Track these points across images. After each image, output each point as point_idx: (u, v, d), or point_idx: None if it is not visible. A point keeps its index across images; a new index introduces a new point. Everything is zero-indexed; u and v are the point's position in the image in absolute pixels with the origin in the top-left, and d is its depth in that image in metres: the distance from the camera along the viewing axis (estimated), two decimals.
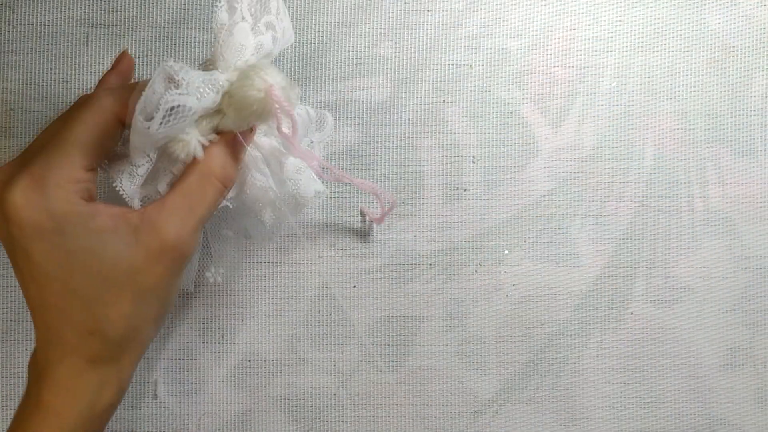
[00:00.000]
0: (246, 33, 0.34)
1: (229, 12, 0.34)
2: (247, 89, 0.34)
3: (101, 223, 0.32)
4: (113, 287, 0.32)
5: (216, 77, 0.33)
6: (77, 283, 0.32)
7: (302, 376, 0.53)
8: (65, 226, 0.31)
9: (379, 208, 0.51)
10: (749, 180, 0.56)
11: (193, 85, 0.32)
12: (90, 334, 0.32)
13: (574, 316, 0.55)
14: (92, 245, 0.32)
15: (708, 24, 0.56)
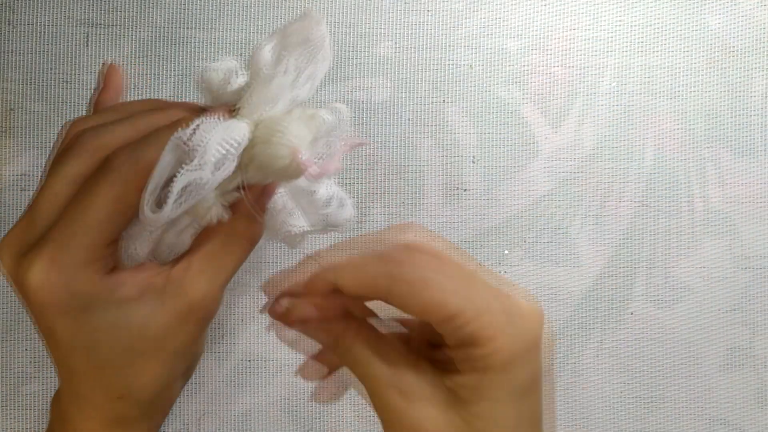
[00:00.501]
0: (284, 88, 0.31)
1: (273, 57, 0.31)
2: (271, 152, 0.31)
3: (126, 293, 0.31)
4: (143, 354, 0.31)
5: (236, 135, 0.30)
6: (105, 355, 0.31)
7: None
8: (89, 303, 0.30)
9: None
10: (749, 180, 0.56)
11: (209, 153, 0.29)
12: (119, 398, 0.32)
13: (574, 316, 0.55)
14: (118, 317, 0.31)
15: (708, 24, 0.56)
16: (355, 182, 0.54)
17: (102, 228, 0.30)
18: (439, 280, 0.29)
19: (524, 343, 0.29)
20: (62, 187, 0.30)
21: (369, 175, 0.54)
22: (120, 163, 0.30)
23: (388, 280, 0.29)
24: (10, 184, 0.53)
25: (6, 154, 0.53)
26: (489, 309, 0.28)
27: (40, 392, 0.52)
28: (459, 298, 0.28)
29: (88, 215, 0.30)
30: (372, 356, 0.30)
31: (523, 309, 0.29)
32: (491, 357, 0.28)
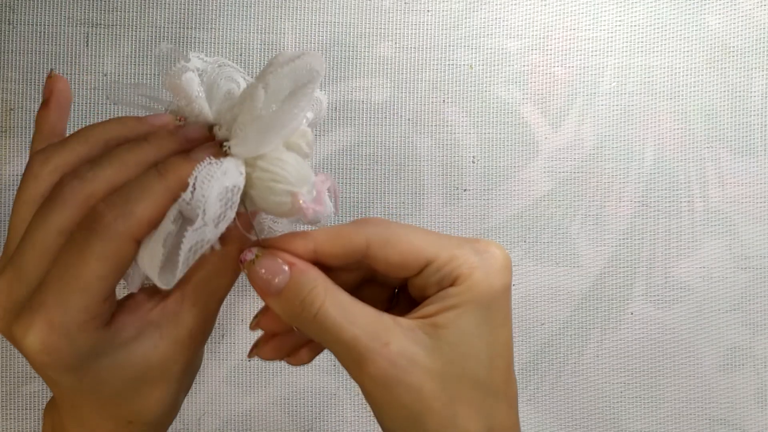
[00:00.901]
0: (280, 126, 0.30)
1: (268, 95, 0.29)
2: (273, 199, 0.30)
3: (126, 336, 0.31)
4: (148, 381, 0.32)
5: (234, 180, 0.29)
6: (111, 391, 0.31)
7: (302, 376, 0.53)
8: (91, 356, 0.30)
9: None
10: (749, 180, 0.56)
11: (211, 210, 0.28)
12: (129, 423, 0.32)
13: (574, 316, 0.55)
14: (121, 358, 0.31)
15: (708, 24, 0.56)
16: (354, 182, 0.54)
17: (98, 286, 0.29)
18: (413, 235, 0.31)
19: (497, 278, 0.31)
20: (49, 240, 0.29)
21: (369, 176, 0.54)
22: (112, 219, 0.29)
23: (365, 240, 0.31)
24: (9, 184, 0.53)
25: (5, 153, 0.53)
26: (461, 251, 0.31)
27: (40, 392, 0.52)
28: (432, 246, 0.31)
29: (83, 275, 0.29)
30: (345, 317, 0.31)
31: (491, 250, 0.32)
32: (469, 292, 0.30)
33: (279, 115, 0.29)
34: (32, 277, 0.29)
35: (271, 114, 0.29)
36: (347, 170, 0.54)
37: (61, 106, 0.34)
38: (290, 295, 0.31)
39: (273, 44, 0.54)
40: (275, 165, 0.30)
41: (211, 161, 0.29)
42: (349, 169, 0.54)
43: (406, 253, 0.31)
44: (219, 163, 0.29)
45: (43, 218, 0.29)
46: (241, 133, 0.30)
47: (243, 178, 0.30)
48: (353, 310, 0.31)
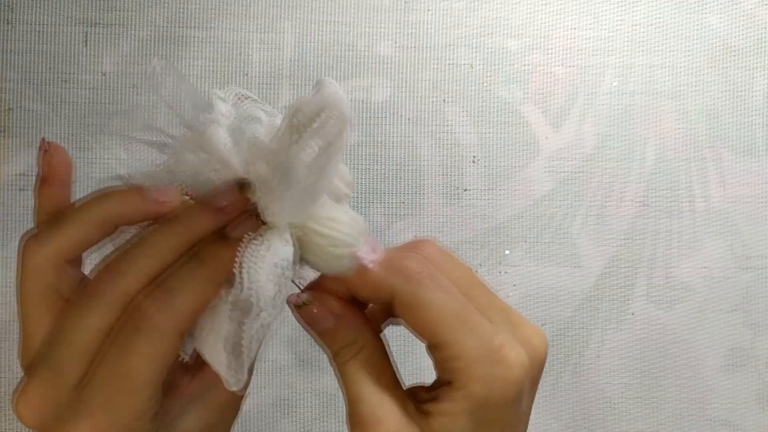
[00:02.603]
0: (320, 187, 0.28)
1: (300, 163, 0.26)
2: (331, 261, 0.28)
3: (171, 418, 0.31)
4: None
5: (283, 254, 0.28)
6: None
7: (302, 376, 0.53)
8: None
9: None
10: (751, 180, 0.55)
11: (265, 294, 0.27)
12: None
13: (575, 317, 0.54)
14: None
15: (709, 23, 0.56)
16: (355, 182, 0.54)
17: (145, 387, 0.28)
18: (436, 306, 0.29)
19: (499, 394, 0.29)
20: (89, 340, 0.28)
21: (369, 175, 0.54)
22: (156, 318, 0.27)
23: (390, 290, 0.29)
24: (8, 184, 0.52)
25: (4, 153, 0.53)
26: (474, 352, 0.29)
27: None
28: (449, 331, 0.29)
29: (131, 377, 0.28)
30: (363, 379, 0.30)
31: (508, 360, 0.29)
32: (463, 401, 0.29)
33: (312, 177, 0.27)
34: (72, 379, 0.28)
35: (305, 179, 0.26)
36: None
37: (63, 182, 0.31)
38: (330, 340, 0.31)
39: (273, 43, 0.54)
40: (330, 228, 0.28)
41: (251, 240, 0.27)
42: (350, 169, 0.54)
43: (422, 324, 0.29)
44: (261, 240, 0.27)
45: (80, 317, 0.28)
46: (279, 202, 0.27)
47: (291, 248, 0.28)
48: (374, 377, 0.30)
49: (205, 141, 0.29)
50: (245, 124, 0.30)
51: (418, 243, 0.31)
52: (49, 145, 0.31)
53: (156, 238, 0.29)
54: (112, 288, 0.28)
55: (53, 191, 0.31)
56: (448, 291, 0.29)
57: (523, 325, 0.31)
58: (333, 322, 0.30)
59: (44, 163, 0.31)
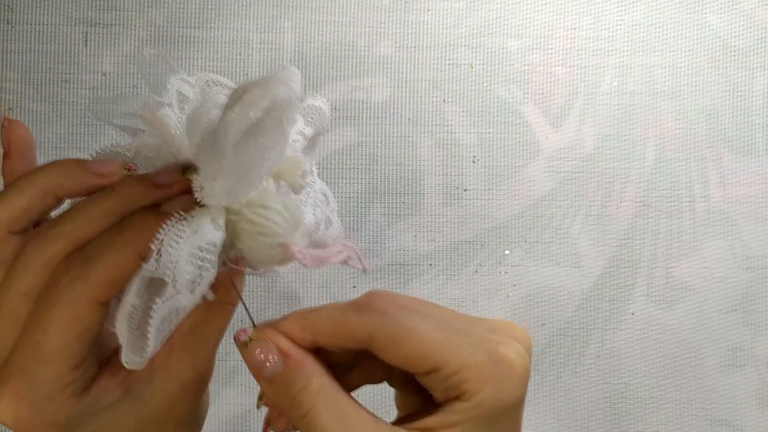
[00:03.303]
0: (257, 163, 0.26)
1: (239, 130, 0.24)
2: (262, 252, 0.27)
3: (111, 398, 0.29)
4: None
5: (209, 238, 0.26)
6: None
7: None
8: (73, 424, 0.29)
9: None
10: (751, 180, 0.55)
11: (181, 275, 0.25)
12: None
13: (575, 317, 0.54)
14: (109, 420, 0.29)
15: (709, 23, 0.56)
16: (355, 182, 0.54)
17: (63, 355, 0.27)
18: (422, 330, 0.27)
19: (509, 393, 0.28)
20: (16, 305, 0.27)
21: (369, 175, 0.54)
22: (69, 283, 0.27)
23: (368, 332, 0.27)
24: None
25: None
26: (474, 360, 0.27)
27: None
28: (443, 349, 0.27)
29: (45, 344, 0.27)
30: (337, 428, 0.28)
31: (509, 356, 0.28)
32: (475, 409, 0.27)
33: (245, 157, 0.25)
34: (4, 345, 0.28)
35: (233, 159, 0.25)
36: (347, 170, 0.54)
37: (23, 155, 0.31)
38: (281, 387, 0.28)
39: (273, 43, 0.54)
40: (260, 216, 0.27)
41: (178, 218, 0.26)
42: (349, 169, 0.54)
43: (413, 355, 0.27)
44: (189, 220, 0.26)
45: (9, 281, 0.28)
46: (211, 181, 0.26)
47: (221, 233, 0.27)
48: (348, 417, 0.28)
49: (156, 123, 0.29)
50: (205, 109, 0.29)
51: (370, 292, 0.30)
52: (8, 122, 0.31)
53: (87, 205, 0.28)
54: (38, 253, 0.27)
55: (12, 165, 0.31)
56: (425, 314, 0.28)
57: (503, 326, 0.30)
58: (281, 366, 0.28)
59: (4, 138, 0.31)
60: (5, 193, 0.29)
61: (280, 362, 0.28)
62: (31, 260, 0.27)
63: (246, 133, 0.24)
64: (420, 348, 0.27)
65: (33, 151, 0.32)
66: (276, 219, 0.27)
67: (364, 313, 0.28)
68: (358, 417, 0.28)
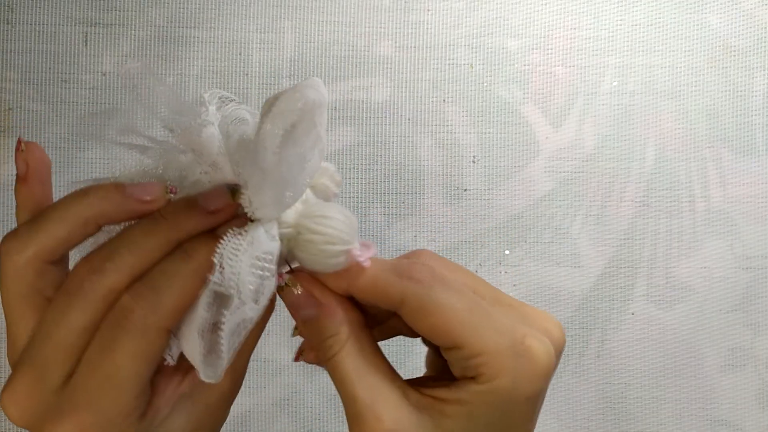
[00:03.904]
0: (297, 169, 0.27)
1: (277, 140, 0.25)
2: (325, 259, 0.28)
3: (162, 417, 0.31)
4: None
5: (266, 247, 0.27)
6: None
7: (302, 376, 0.53)
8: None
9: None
10: (751, 180, 0.55)
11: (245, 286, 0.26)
12: None
13: (575, 317, 0.54)
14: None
15: (709, 23, 0.56)
16: (355, 182, 0.54)
17: (131, 384, 0.28)
18: (452, 307, 0.28)
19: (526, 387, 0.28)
20: (73, 339, 0.28)
21: (369, 175, 0.54)
22: (141, 314, 0.27)
23: (400, 296, 0.28)
24: (8, 184, 0.52)
25: (4, 153, 0.53)
26: (497, 347, 0.28)
27: None
28: (468, 330, 0.28)
29: (116, 375, 0.27)
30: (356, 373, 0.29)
31: (534, 350, 0.28)
32: (488, 394, 0.28)
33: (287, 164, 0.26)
34: (57, 377, 0.28)
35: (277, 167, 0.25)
36: (347, 170, 0.54)
37: (42, 179, 0.31)
38: (313, 329, 0.30)
39: (273, 43, 0.54)
40: (323, 225, 0.28)
41: (234, 232, 0.27)
42: (349, 169, 0.54)
43: (437, 328, 0.28)
44: (244, 233, 0.27)
45: (63, 316, 0.28)
46: (258, 194, 0.26)
47: (277, 243, 0.27)
48: (366, 369, 0.29)
49: (200, 143, 0.28)
50: (233, 125, 0.29)
51: (416, 252, 0.31)
52: (26, 145, 0.30)
53: (141, 235, 0.28)
54: (95, 285, 0.27)
55: (32, 190, 0.30)
56: (460, 291, 0.28)
57: (537, 316, 0.30)
58: (315, 310, 0.29)
59: (21, 162, 0.30)
60: (44, 221, 0.28)
61: (314, 308, 0.29)
62: (91, 295, 0.27)
63: (284, 140, 0.25)
64: (445, 324, 0.28)
65: (50, 175, 0.31)
66: (340, 227, 0.28)
67: (401, 277, 0.28)
68: (376, 370, 0.29)
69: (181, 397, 0.31)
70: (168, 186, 0.29)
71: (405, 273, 0.28)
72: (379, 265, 0.29)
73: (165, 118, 0.29)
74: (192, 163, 0.29)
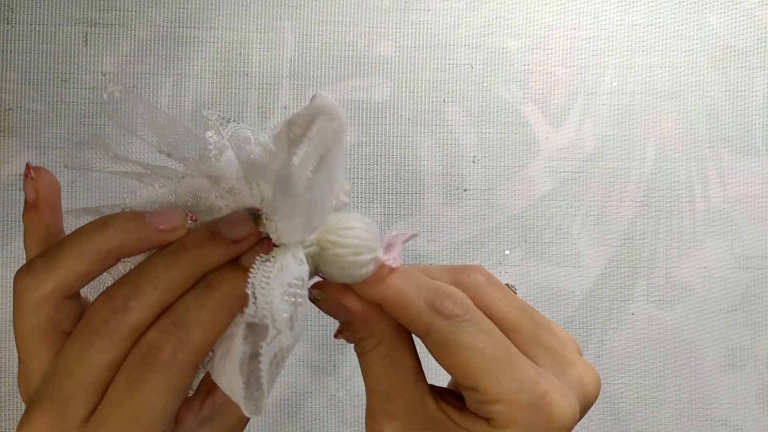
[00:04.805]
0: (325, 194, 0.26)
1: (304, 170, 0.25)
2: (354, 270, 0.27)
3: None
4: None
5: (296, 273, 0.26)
6: None
7: (302, 376, 0.53)
8: None
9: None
10: (751, 180, 0.55)
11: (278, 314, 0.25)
12: None
13: (575, 317, 0.54)
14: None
15: (709, 23, 0.56)
16: (355, 182, 0.54)
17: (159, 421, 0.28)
18: (476, 350, 0.27)
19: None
20: (97, 377, 0.27)
21: (369, 175, 0.54)
22: (171, 354, 0.26)
23: (427, 327, 0.28)
24: (8, 184, 0.52)
25: (4, 153, 0.53)
26: (514, 398, 0.27)
27: None
28: (487, 376, 0.27)
29: (146, 412, 0.27)
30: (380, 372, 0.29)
31: (555, 405, 0.27)
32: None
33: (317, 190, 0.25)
34: (80, 415, 0.27)
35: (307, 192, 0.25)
36: (347, 170, 0.54)
37: (53, 206, 0.29)
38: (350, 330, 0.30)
39: (273, 43, 0.54)
40: (348, 237, 0.27)
41: (262, 260, 0.26)
42: (349, 169, 0.54)
43: (457, 367, 0.27)
44: (272, 260, 0.26)
45: (86, 354, 0.27)
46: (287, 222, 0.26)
47: (306, 267, 0.27)
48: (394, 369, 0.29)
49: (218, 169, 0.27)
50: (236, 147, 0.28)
51: (466, 269, 0.30)
52: (35, 171, 0.29)
53: (163, 269, 0.27)
54: (119, 325, 0.27)
55: (42, 217, 0.29)
56: (489, 334, 0.28)
57: (573, 365, 0.29)
58: (349, 317, 0.29)
59: (30, 189, 0.29)
60: (62, 256, 0.27)
61: (348, 315, 0.29)
62: (115, 335, 0.27)
63: (319, 166, 0.24)
64: (466, 366, 0.27)
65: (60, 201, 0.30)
66: (364, 236, 0.27)
67: (431, 309, 0.28)
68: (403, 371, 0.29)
69: (201, 423, 0.31)
70: (188, 213, 0.28)
71: (437, 305, 0.28)
72: (414, 291, 0.28)
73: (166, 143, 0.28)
74: (206, 187, 0.28)
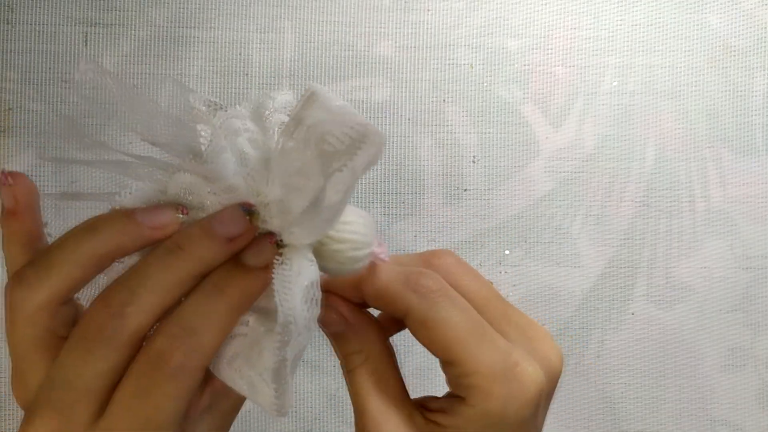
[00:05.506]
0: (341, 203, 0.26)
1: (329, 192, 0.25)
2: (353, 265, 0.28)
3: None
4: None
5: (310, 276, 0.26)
6: None
7: (302, 376, 0.53)
8: None
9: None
10: (751, 180, 0.55)
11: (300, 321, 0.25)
12: None
13: (575, 317, 0.54)
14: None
15: (709, 23, 0.56)
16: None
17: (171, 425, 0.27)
18: (452, 324, 0.29)
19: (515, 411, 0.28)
20: (97, 384, 0.26)
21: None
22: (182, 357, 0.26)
23: (406, 307, 0.29)
24: None
25: (5, 153, 0.53)
26: (490, 369, 0.28)
27: None
28: (464, 347, 0.28)
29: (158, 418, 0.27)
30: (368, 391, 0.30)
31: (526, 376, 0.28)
32: (481, 418, 0.28)
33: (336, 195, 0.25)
34: (83, 422, 0.27)
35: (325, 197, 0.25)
36: None
37: (33, 210, 0.29)
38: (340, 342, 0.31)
39: (273, 43, 0.54)
40: (347, 232, 0.27)
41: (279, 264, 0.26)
42: None
43: (436, 342, 0.29)
44: (288, 264, 0.26)
45: (84, 362, 0.26)
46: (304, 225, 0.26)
47: (316, 267, 0.27)
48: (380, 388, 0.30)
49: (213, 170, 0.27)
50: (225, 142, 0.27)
51: (436, 253, 0.31)
52: (13, 177, 0.28)
53: (159, 272, 0.27)
54: (117, 332, 0.26)
55: (23, 223, 0.29)
56: (463, 309, 0.29)
57: (539, 340, 0.30)
58: (342, 327, 0.30)
59: (9, 196, 0.29)
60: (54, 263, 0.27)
61: (342, 325, 0.30)
62: (114, 342, 0.26)
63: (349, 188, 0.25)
64: (444, 339, 0.29)
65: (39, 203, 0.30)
66: (362, 230, 0.28)
67: (407, 289, 0.29)
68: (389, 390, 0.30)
69: (202, 411, 0.31)
70: (179, 207, 0.27)
71: (411, 284, 0.29)
72: (392, 275, 0.29)
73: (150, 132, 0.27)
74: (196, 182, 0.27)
